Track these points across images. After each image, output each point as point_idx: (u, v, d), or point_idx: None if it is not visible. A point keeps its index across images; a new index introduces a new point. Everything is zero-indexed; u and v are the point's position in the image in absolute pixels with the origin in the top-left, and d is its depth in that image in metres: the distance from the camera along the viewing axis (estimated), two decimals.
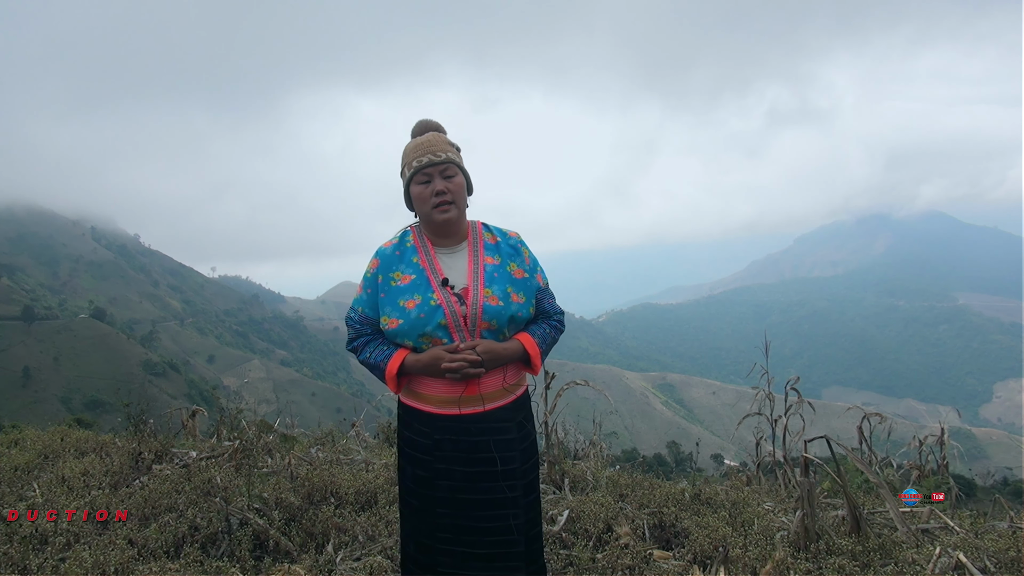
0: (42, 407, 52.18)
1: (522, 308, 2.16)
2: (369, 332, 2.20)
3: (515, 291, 2.16)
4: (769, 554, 3.02)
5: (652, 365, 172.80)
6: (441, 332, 2.07)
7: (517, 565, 2.07)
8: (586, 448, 5.43)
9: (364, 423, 6.61)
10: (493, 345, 2.08)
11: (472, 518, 2.05)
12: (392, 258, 2.18)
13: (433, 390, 2.11)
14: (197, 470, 4.10)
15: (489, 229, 2.28)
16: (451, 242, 2.21)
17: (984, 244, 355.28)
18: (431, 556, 2.09)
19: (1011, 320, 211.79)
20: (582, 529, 3.46)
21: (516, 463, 2.12)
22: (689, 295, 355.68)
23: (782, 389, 4.81)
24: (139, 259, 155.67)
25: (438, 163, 2.13)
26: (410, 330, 2.07)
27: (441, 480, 2.08)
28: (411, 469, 2.15)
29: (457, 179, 2.15)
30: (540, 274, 2.29)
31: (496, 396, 2.12)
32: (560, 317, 2.35)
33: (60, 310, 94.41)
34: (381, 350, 2.16)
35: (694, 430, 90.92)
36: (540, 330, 2.25)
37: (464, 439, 2.08)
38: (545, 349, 2.24)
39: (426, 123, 2.25)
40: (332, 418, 28.12)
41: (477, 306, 2.09)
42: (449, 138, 2.24)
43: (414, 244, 2.20)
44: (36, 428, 6.42)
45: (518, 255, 2.24)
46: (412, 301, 2.09)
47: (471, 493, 2.07)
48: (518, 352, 2.15)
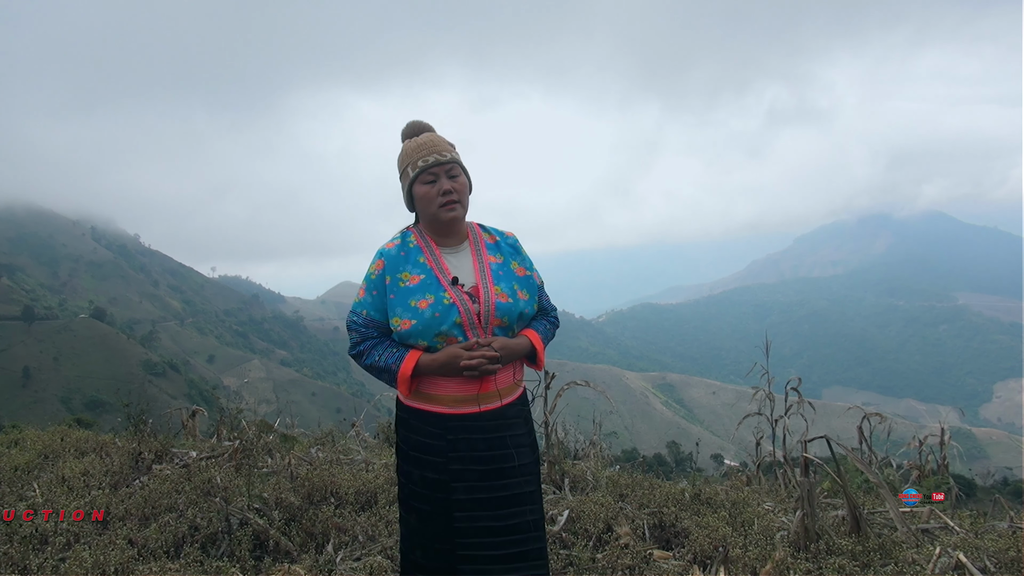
0: (42, 407, 52.23)
1: (528, 305, 2.20)
2: (375, 335, 2.17)
3: (520, 288, 2.19)
4: (769, 554, 3.02)
5: (652, 365, 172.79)
6: (456, 331, 2.07)
7: (539, 563, 2.07)
8: (586, 448, 5.43)
9: (364, 423, 6.62)
10: (507, 341, 2.12)
11: (493, 517, 2.04)
12: (397, 259, 2.16)
13: (447, 390, 2.10)
14: (197, 470, 4.10)
15: (486, 229, 2.31)
16: (454, 242, 2.22)
17: (984, 244, 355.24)
18: (446, 560, 2.05)
19: (1011, 320, 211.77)
20: (582, 529, 3.46)
21: (528, 458, 2.15)
22: (689, 295, 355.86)
23: (782, 389, 4.82)
24: (139, 259, 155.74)
25: (444, 163, 2.14)
26: (425, 330, 2.06)
27: (457, 482, 2.06)
28: (419, 473, 2.11)
29: (461, 179, 2.17)
30: (536, 273, 2.34)
31: (510, 391, 2.16)
32: (555, 314, 2.41)
33: (60, 310, 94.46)
34: (391, 352, 2.12)
35: (694, 430, 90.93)
36: (542, 326, 2.30)
37: (479, 437, 2.08)
38: (546, 345, 2.30)
39: (419, 124, 2.24)
40: (332, 418, 28.15)
41: (489, 304, 2.10)
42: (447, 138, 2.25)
43: (417, 244, 2.19)
44: (36, 428, 6.42)
45: (518, 254, 2.28)
46: (424, 301, 2.08)
47: (489, 492, 2.06)
48: (527, 348, 2.19)
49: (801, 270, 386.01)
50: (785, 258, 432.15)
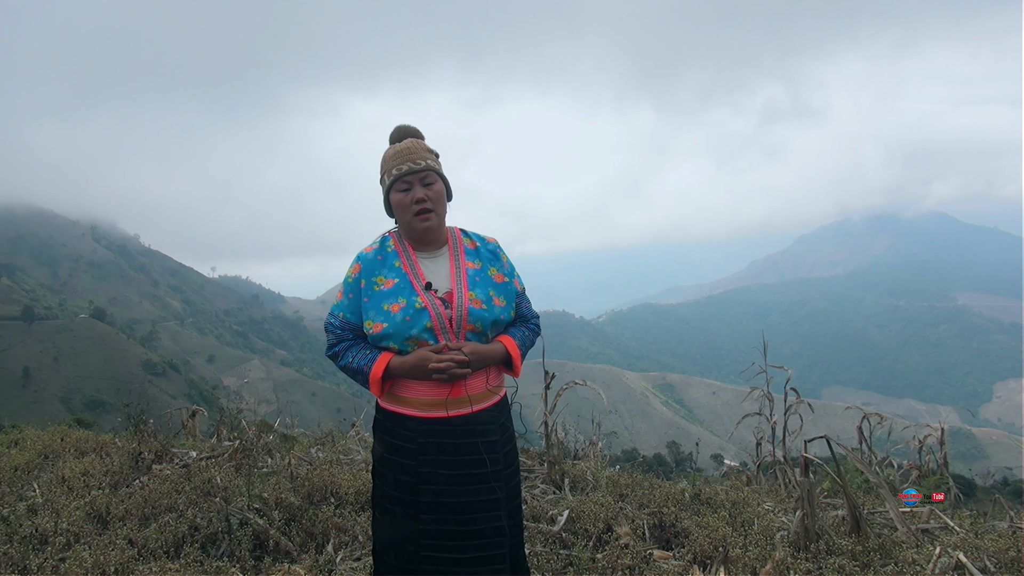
0: (42, 407, 52.18)
1: (504, 311, 2.19)
2: (350, 337, 2.20)
3: (497, 295, 2.19)
4: (769, 554, 3.03)
5: (652, 365, 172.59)
6: (427, 335, 2.08)
7: (502, 567, 2.06)
8: (586, 448, 5.43)
9: (364, 423, 6.60)
10: (478, 346, 2.11)
11: (457, 522, 2.04)
12: (374, 263, 2.19)
13: (418, 393, 2.11)
14: (197, 470, 4.10)
15: (467, 235, 2.31)
16: (431, 248, 2.23)
17: (984, 244, 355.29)
18: (413, 563, 2.07)
19: (1011, 320, 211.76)
20: (582, 529, 3.46)
21: (500, 464, 2.13)
22: (689, 295, 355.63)
23: (782, 389, 4.81)
24: (139, 259, 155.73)
25: (418, 171, 2.14)
26: (396, 333, 2.08)
27: (425, 485, 2.07)
28: (392, 475, 2.12)
29: (437, 186, 2.16)
30: (517, 279, 2.33)
31: (482, 397, 2.15)
32: (536, 321, 2.39)
33: (60, 310, 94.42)
34: (364, 354, 2.15)
35: (694, 430, 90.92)
36: (519, 333, 2.28)
37: (449, 442, 2.08)
38: (524, 352, 2.28)
39: (404, 129, 2.25)
40: (332, 418, 28.11)
41: (462, 309, 2.10)
42: (428, 144, 2.25)
43: (395, 249, 2.22)
44: (36, 428, 6.43)
45: (497, 260, 2.27)
46: (397, 304, 2.10)
47: (456, 496, 2.06)
48: (501, 354, 2.18)
49: (801, 270, 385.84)
50: (785, 258, 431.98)
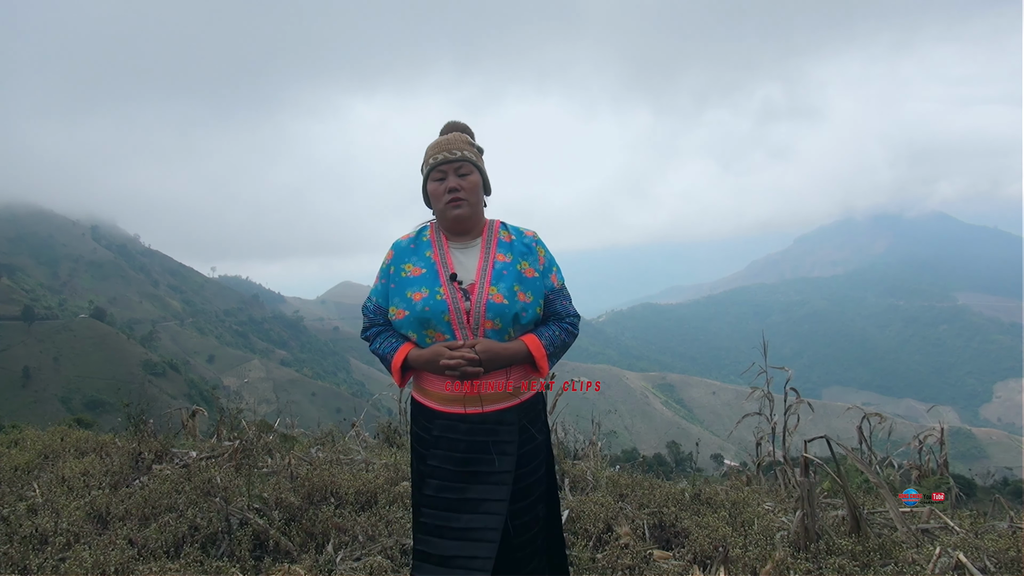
0: (42, 407, 52.17)
1: (528, 307, 2.11)
2: (382, 322, 2.24)
3: (522, 289, 2.12)
4: (769, 554, 3.02)
5: (652, 365, 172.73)
6: (444, 327, 2.07)
7: (486, 570, 2.00)
8: (586, 448, 5.43)
9: (364, 423, 6.60)
10: (493, 345, 2.05)
11: (454, 519, 2.02)
12: (406, 250, 2.22)
13: (435, 386, 2.13)
14: (197, 470, 4.10)
15: (506, 228, 2.27)
16: (466, 239, 2.22)
17: (984, 244, 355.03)
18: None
19: (1011, 320, 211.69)
20: (582, 529, 3.46)
21: (509, 466, 2.07)
22: (689, 295, 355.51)
23: (782, 389, 4.81)
24: (139, 259, 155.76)
25: (452, 160, 2.15)
26: (413, 322, 2.09)
27: (431, 479, 2.08)
28: (416, 464, 2.20)
29: (472, 177, 2.16)
30: (555, 274, 2.26)
31: (496, 399, 2.10)
32: (573, 320, 2.28)
33: (60, 310, 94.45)
34: (390, 342, 2.18)
35: (694, 430, 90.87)
36: (549, 332, 2.19)
37: (460, 438, 2.07)
38: (553, 352, 2.17)
39: (452, 123, 2.30)
40: (332, 418, 28.09)
41: (480, 303, 2.08)
42: (471, 140, 2.27)
43: (430, 239, 2.23)
44: (36, 428, 6.42)
45: (531, 254, 2.21)
46: (419, 293, 2.10)
47: (459, 493, 2.04)
48: (521, 353, 2.10)
49: (801, 270, 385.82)
50: (785, 258, 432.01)
